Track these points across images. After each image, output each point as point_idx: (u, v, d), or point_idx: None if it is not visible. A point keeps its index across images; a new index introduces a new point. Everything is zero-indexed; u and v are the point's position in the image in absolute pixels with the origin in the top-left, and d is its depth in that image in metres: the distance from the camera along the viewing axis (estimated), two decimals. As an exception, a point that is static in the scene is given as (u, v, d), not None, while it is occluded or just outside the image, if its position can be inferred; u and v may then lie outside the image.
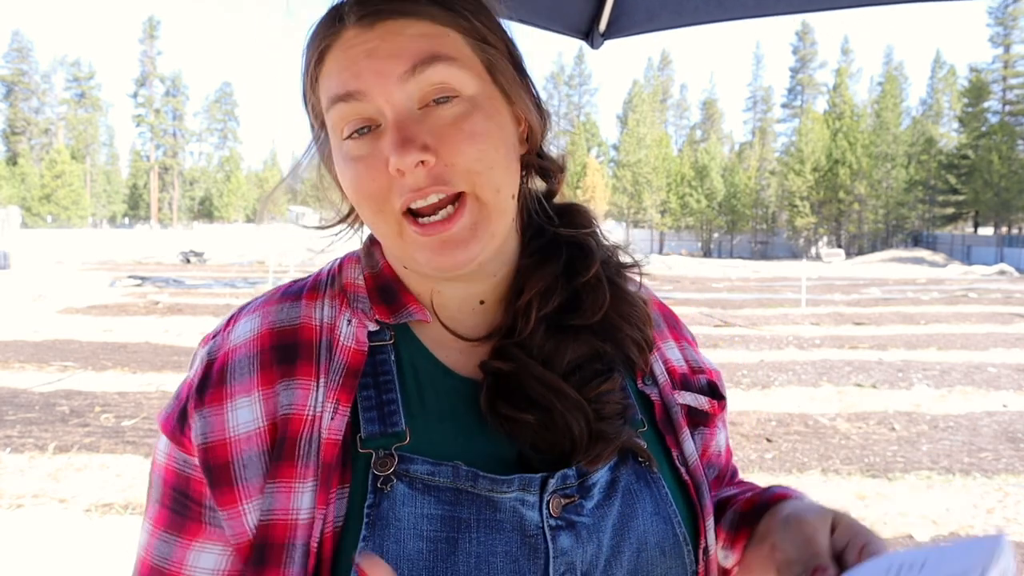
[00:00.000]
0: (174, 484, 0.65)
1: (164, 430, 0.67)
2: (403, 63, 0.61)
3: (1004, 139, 50.87)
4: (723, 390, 0.80)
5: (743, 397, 7.30)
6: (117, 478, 4.82)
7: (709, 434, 0.76)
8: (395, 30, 0.62)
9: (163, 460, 0.67)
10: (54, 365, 8.45)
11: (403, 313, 0.69)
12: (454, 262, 0.63)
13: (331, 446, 0.62)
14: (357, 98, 0.61)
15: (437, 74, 0.61)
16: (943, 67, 68.28)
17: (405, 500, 0.61)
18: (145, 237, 51.22)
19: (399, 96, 0.61)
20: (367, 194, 0.62)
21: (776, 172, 64.35)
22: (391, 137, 0.60)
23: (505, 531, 0.61)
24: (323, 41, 0.64)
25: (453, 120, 0.61)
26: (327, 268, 0.74)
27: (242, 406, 0.63)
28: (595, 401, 0.67)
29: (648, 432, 0.72)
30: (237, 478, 0.62)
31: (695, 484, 0.71)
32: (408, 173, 0.60)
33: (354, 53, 0.62)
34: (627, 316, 0.72)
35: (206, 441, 0.63)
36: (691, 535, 0.69)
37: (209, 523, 0.63)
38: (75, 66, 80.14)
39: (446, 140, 0.60)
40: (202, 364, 0.67)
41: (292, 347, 0.66)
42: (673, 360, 0.78)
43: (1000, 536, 0.54)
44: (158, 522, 0.65)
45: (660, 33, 1.52)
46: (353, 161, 0.62)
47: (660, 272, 30.41)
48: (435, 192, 0.61)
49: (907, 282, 25.44)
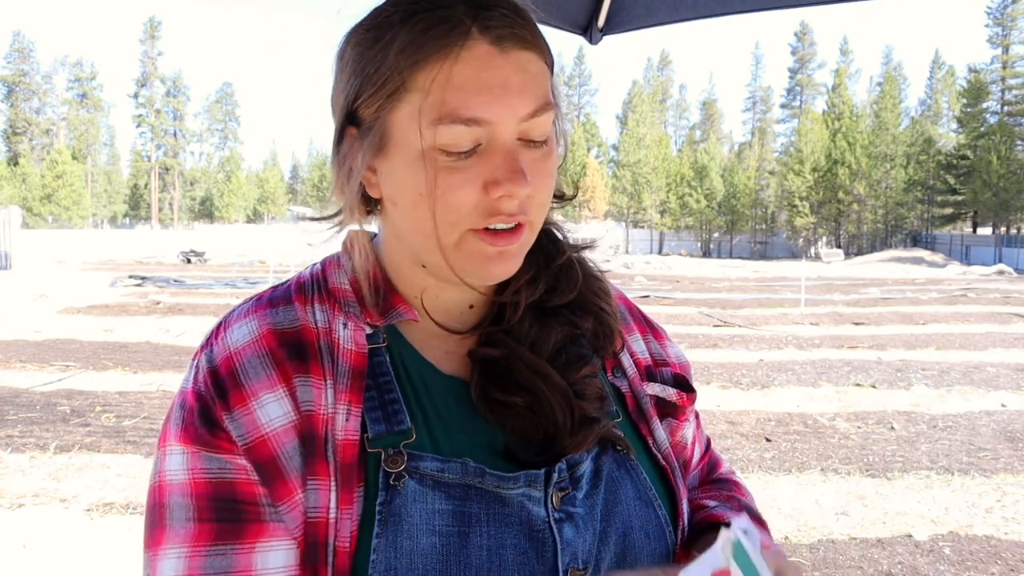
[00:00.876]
0: (212, 494, 0.62)
1: (186, 440, 0.63)
2: (530, 105, 0.63)
3: (1003, 139, 50.87)
4: (691, 382, 0.84)
5: (743, 397, 7.31)
6: (118, 478, 4.84)
7: (676, 425, 0.79)
8: (524, 64, 0.63)
9: (184, 476, 0.63)
10: (55, 365, 8.46)
11: (393, 314, 0.70)
12: (503, 272, 0.67)
13: (349, 447, 0.63)
14: (481, 125, 0.61)
15: (545, 121, 0.65)
16: (942, 67, 68.31)
17: (416, 496, 0.62)
18: (146, 237, 51.20)
19: (514, 130, 0.63)
20: (452, 206, 0.63)
21: (775, 172, 64.35)
22: (506, 164, 0.62)
23: (513, 525, 0.64)
24: (441, 43, 0.61)
25: (541, 158, 0.65)
26: (307, 272, 0.74)
27: (268, 402, 0.63)
28: (577, 384, 0.70)
29: (623, 422, 0.75)
30: (287, 469, 0.62)
31: (671, 468, 0.75)
32: (509, 199, 0.63)
33: (487, 78, 0.61)
34: (597, 290, 0.77)
35: (247, 441, 0.62)
36: (671, 517, 0.72)
37: (271, 520, 0.62)
38: (76, 66, 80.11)
39: (536, 177, 0.64)
40: (206, 371, 0.65)
41: (300, 346, 0.67)
42: (639, 352, 0.82)
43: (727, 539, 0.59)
44: (198, 540, 0.61)
45: (659, 33, 1.53)
46: (447, 172, 0.62)
47: (660, 272, 30.40)
48: (518, 219, 0.64)
49: (906, 282, 25.44)
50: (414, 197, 0.64)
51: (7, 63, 77.87)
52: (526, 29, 0.64)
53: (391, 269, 0.73)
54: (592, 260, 0.80)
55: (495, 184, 0.62)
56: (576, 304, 0.75)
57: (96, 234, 53.63)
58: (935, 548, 3.97)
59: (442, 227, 0.64)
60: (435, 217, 0.63)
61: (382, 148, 0.65)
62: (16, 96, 77.84)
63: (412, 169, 0.63)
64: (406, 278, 0.72)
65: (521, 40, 0.63)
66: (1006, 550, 3.94)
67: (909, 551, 3.92)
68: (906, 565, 3.76)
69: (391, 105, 0.63)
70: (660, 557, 0.70)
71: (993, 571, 3.73)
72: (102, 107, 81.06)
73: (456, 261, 0.65)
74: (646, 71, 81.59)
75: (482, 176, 0.62)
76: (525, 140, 0.64)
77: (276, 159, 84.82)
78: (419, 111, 0.62)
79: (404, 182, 0.64)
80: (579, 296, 0.75)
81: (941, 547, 3.98)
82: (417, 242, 0.67)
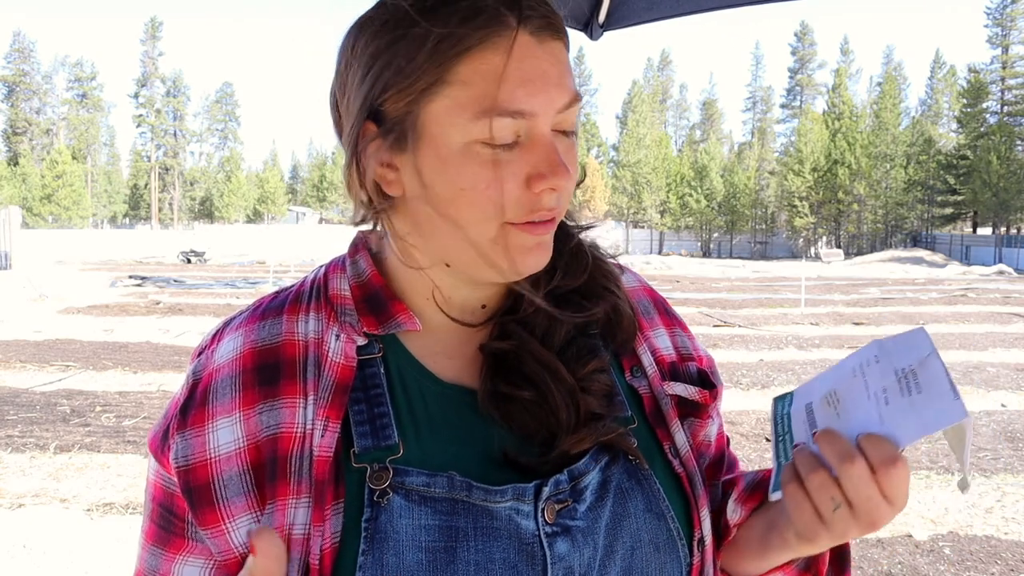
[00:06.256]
0: (160, 500, 0.67)
1: (150, 448, 0.69)
2: (566, 96, 0.62)
3: (1003, 140, 50.86)
4: (715, 378, 0.80)
5: (743, 397, 7.31)
6: (118, 478, 4.84)
7: (699, 424, 0.76)
8: (558, 54, 0.63)
9: (152, 477, 0.69)
10: (55, 365, 8.46)
11: (391, 323, 0.69)
12: (539, 263, 0.66)
13: (323, 463, 0.62)
14: (526, 117, 0.60)
15: (575, 112, 0.64)
16: (942, 68, 68.33)
17: (402, 512, 0.61)
18: (146, 237, 51.15)
19: (551, 121, 0.62)
20: (495, 200, 0.61)
21: (775, 172, 64.35)
22: (547, 158, 0.61)
23: (502, 539, 0.62)
24: (482, 34, 0.60)
25: (570, 149, 0.64)
26: (311, 277, 0.73)
27: (223, 427, 0.64)
28: (584, 380, 0.68)
29: (639, 427, 0.72)
30: (218, 498, 0.63)
31: (688, 475, 0.72)
32: (550, 193, 0.62)
33: (528, 68, 0.60)
34: (606, 273, 0.76)
35: (188, 463, 0.64)
36: (685, 528, 0.70)
37: (191, 538, 0.66)
38: (76, 66, 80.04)
39: (571, 167, 0.64)
40: (188, 385, 0.68)
41: (274, 367, 0.66)
42: (662, 349, 0.78)
43: (920, 328, 0.66)
44: (148, 536, 0.68)
45: (659, 33, 1.52)
46: (491, 166, 0.61)
47: (660, 272, 30.42)
48: (556, 212, 0.64)
49: (906, 282, 25.44)
50: (452, 192, 0.62)
51: (7, 63, 77.84)
52: (557, 18, 0.63)
53: (397, 273, 0.71)
54: (597, 243, 0.78)
55: (539, 178, 0.61)
56: (586, 289, 0.74)
57: (96, 234, 53.60)
58: (935, 548, 3.97)
59: (482, 222, 0.62)
60: (477, 211, 0.62)
61: (412, 143, 0.63)
62: (16, 96, 77.80)
63: (450, 164, 0.61)
64: (416, 280, 0.70)
65: (555, 30, 0.63)
66: (1006, 550, 3.95)
67: (909, 551, 3.92)
68: (906, 565, 3.77)
69: (426, 99, 0.61)
70: (672, 571, 0.68)
71: (993, 571, 3.73)
72: (102, 107, 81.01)
73: (493, 255, 0.64)
74: (646, 71, 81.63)
75: (524, 170, 0.61)
76: (559, 131, 0.64)
77: (276, 159, 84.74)
78: (460, 104, 0.60)
79: (440, 177, 0.62)
80: (589, 280, 0.74)
81: (941, 547, 3.98)
82: (448, 239, 0.65)
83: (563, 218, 0.75)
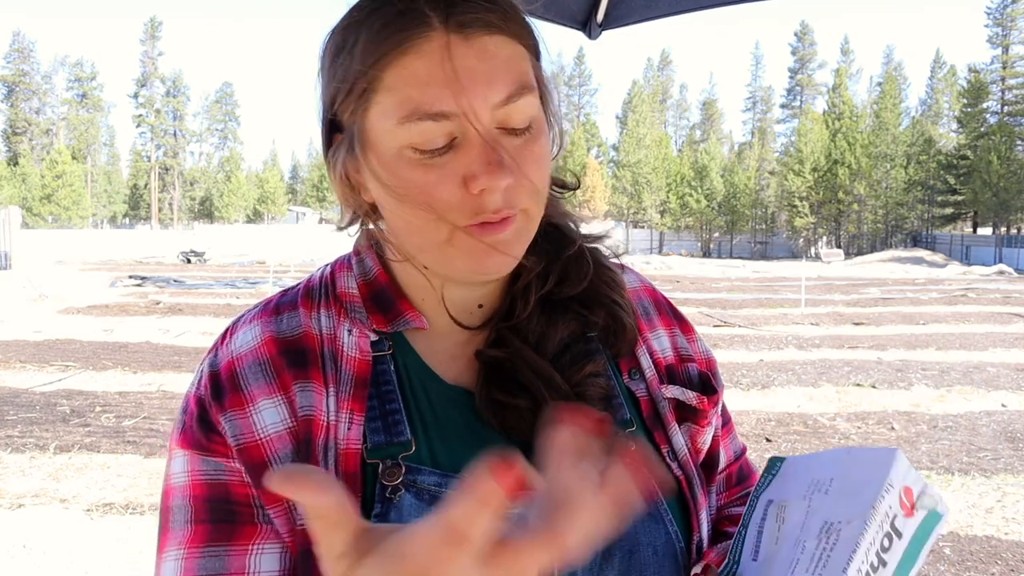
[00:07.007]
0: (208, 496, 0.63)
1: (185, 444, 0.65)
2: (501, 91, 0.59)
3: (1003, 140, 50.84)
4: (715, 381, 0.79)
5: (743, 397, 7.32)
6: (118, 478, 4.84)
7: (696, 430, 0.75)
8: (492, 49, 0.60)
9: (185, 479, 0.64)
10: (55, 365, 8.46)
11: (399, 321, 0.69)
12: (499, 265, 0.63)
13: (352, 456, 0.62)
14: (450, 118, 0.58)
15: (525, 105, 0.61)
16: (942, 67, 68.31)
17: (412, 511, 0.61)
18: (145, 237, 51.15)
19: (488, 119, 0.60)
20: (433, 205, 0.60)
21: (775, 172, 64.33)
22: (482, 157, 0.59)
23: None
24: (400, 38, 0.59)
25: (525, 143, 0.62)
26: (317, 275, 0.74)
27: (265, 408, 0.64)
28: (579, 385, 0.68)
29: (636, 430, 0.72)
30: None
31: (686, 479, 0.72)
32: (491, 194, 0.60)
33: (448, 69, 0.58)
34: (609, 281, 0.74)
35: (239, 443, 0.63)
36: (683, 531, 0.70)
37: (263, 522, 0.63)
38: (77, 66, 80.00)
39: (522, 163, 0.61)
40: (208, 376, 0.67)
41: (301, 353, 0.66)
42: (660, 351, 0.78)
43: (894, 449, 0.64)
44: (194, 542, 0.62)
45: (659, 33, 1.51)
46: (423, 170, 0.60)
47: (660, 272, 30.41)
48: (504, 214, 0.61)
49: (906, 282, 25.44)
50: (396, 199, 0.62)
51: (7, 63, 77.82)
52: (494, 13, 0.60)
53: (399, 273, 0.71)
54: (606, 250, 0.77)
55: (472, 178, 0.59)
56: (586, 296, 0.72)
57: (96, 234, 53.60)
58: (935, 548, 3.97)
59: (428, 226, 0.62)
60: (420, 216, 0.61)
61: (360, 151, 0.63)
62: (16, 96, 77.80)
63: (389, 170, 0.61)
64: (413, 281, 0.70)
65: (487, 25, 0.60)
66: (1006, 550, 3.94)
67: (909, 551, 3.92)
68: (906, 565, 3.76)
69: (363, 107, 0.61)
70: (670, 574, 0.68)
71: (993, 571, 3.73)
72: (102, 107, 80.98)
73: (450, 259, 0.63)
74: (646, 71, 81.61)
75: (459, 171, 0.59)
76: (506, 128, 0.61)
77: (276, 159, 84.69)
78: (387, 111, 0.60)
79: (384, 185, 0.62)
80: (590, 288, 0.72)
81: (941, 547, 3.98)
82: (411, 243, 0.65)
83: (568, 224, 0.75)
